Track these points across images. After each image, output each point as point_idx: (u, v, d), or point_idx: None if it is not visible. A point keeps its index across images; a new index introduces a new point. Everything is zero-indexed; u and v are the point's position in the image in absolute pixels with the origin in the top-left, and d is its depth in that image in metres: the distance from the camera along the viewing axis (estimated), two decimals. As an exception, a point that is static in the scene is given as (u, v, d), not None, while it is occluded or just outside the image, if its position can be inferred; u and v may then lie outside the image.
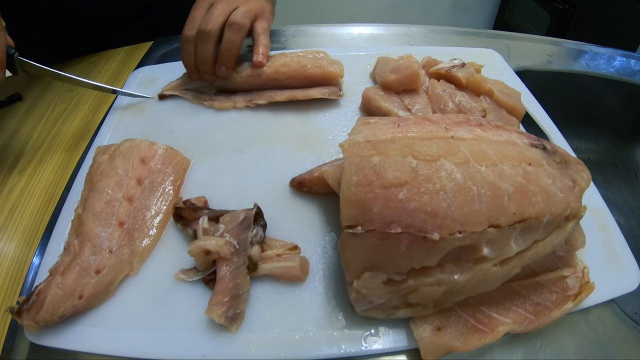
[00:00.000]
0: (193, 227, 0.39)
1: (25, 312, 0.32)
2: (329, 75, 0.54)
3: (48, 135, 0.56)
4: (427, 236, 0.28)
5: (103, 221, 0.38)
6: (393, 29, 0.75)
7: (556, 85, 0.68)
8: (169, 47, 0.71)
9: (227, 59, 0.53)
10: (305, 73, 0.54)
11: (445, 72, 0.54)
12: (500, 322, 0.32)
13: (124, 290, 0.36)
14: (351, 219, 0.29)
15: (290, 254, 0.37)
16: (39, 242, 0.42)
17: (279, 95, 0.54)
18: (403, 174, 0.29)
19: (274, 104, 0.54)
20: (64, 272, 0.34)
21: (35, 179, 0.49)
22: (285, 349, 0.32)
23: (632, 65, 0.68)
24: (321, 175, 0.41)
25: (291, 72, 0.54)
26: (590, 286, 0.34)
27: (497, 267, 0.31)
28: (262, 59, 0.54)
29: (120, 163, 0.42)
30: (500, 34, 0.75)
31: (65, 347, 0.33)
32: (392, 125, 0.35)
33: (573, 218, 0.33)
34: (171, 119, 0.53)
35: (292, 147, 0.49)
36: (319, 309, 0.35)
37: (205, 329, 0.33)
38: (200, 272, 0.36)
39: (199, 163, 0.47)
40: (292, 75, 0.54)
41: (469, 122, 0.36)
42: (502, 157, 0.32)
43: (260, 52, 0.54)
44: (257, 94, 0.55)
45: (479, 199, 0.29)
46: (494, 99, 0.51)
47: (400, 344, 0.33)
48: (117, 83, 0.64)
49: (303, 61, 0.54)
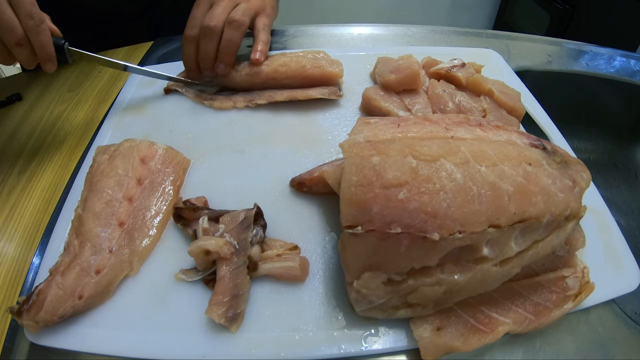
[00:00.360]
0: (193, 227, 0.39)
1: (25, 312, 0.32)
2: (329, 76, 0.54)
3: (48, 135, 0.56)
4: (427, 236, 0.28)
5: (103, 221, 0.38)
6: (393, 29, 0.75)
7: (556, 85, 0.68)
8: (169, 47, 0.71)
9: (226, 56, 0.53)
10: (304, 73, 0.54)
11: (445, 72, 0.54)
12: (500, 322, 0.32)
13: (124, 290, 0.36)
14: (351, 219, 0.30)
15: (290, 254, 0.37)
16: (39, 242, 0.42)
17: (278, 95, 0.54)
18: (403, 174, 0.29)
19: (274, 104, 0.54)
20: (64, 272, 0.34)
21: (35, 179, 0.49)
22: (285, 349, 0.32)
23: (632, 65, 0.68)
24: (321, 175, 0.41)
25: (290, 72, 0.54)
26: (590, 286, 0.34)
27: (497, 267, 0.31)
28: (259, 57, 0.54)
29: (120, 163, 0.42)
30: (500, 34, 0.75)
31: (65, 347, 0.33)
32: (392, 125, 0.35)
33: (573, 218, 0.33)
34: (171, 119, 0.53)
35: (292, 147, 0.49)
36: (319, 309, 0.35)
37: (205, 329, 0.33)
38: (200, 272, 0.36)
39: (199, 163, 0.47)
40: (291, 75, 0.54)
41: (469, 122, 0.36)
42: (502, 157, 0.32)
43: (258, 49, 0.54)
44: (257, 93, 0.55)
45: (479, 199, 0.29)
46: (494, 99, 0.51)
47: (400, 344, 0.33)
48: (117, 83, 0.64)
49: (302, 61, 0.54)
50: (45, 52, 0.45)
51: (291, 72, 0.54)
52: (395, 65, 0.53)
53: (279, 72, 0.54)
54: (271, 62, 0.54)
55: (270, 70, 0.54)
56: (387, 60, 0.56)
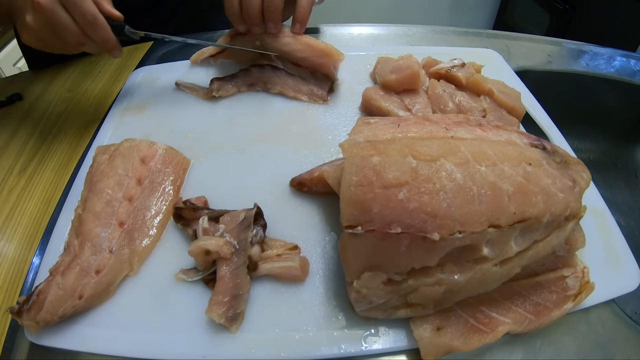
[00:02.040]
0: (193, 227, 0.39)
1: (26, 312, 0.32)
2: (330, 53, 0.54)
3: (48, 135, 0.56)
4: (427, 236, 0.28)
5: (103, 221, 0.38)
6: (393, 29, 0.75)
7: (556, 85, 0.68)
8: (169, 47, 0.71)
9: (271, 13, 0.51)
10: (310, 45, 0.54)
11: (445, 72, 0.54)
12: (500, 322, 0.32)
13: (124, 290, 0.36)
14: (351, 219, 0.29)
15: (290, 254, 0.37)
16: (39, 242, 0.42)
17: (271, 87, 0.56)
18: (403, 174, 0.29)
19: (274, 104, 0.54)
20: (64, 272, 0.34)
21: (35, 179, 0.49)
22: (285, 349, 0.32)
23: (632, 65, 0.68)
24: (321, 175, 0.41)
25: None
26: (590, 286, 0.34)
27: (497, 267, 0.31)
28: (297, 30, 0.54)
29: (120, 163, 0.42)
30: (500, 34, 0.75)
31: (66, 347, 0.33)
32: (392, 125, 0.34)
33: (573, 218, 0.33)
34: (171, 119, 0.53)
35: (292, 147, 0.49)
36: (319, 309, 0.35)
37: (205, 329, 0.33)
38: (200, 272, 0.36)
39: (199, 163, 0.47)
40: (299, 49, 0.54)
41: (469, 122, 0.36)
42: (502, 157, 0.32)
43: (298, 19, 0.53)
44: (256, 78, 0.56)
45: (479, 199, 0.29)
46: (494, 99, 0.51)
47: (400, 344, 0.33)
48: (117, 83, 0.64)
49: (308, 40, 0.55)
50: (106, 45, 0.46)
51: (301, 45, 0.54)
52: (395, 65, 0.53)
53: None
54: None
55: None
56: (387, 60, 0.56)
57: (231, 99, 0.56)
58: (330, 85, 0.56)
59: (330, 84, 0.56)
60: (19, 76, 0.69)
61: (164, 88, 0.59)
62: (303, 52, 0.55)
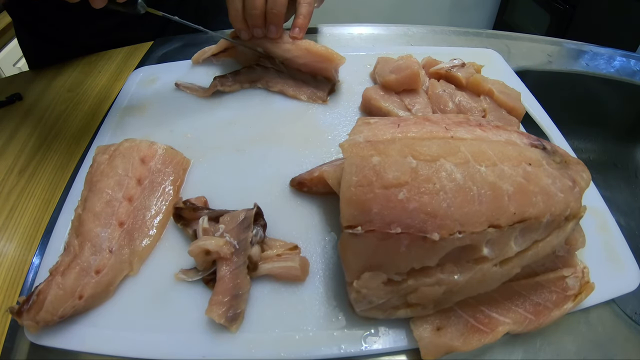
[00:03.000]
0: (193, 227, 0.39)
1: (25, 312, 0.32)
2: (330, 57, 0.54)
3: (48, 135, 0.56)
4: (427, 236, 0.28)
5: (103, 221, 0.38)
6: (393, 29, 0.75)
7: (556, 85, 0.68)
8: (169, 47, 0.71)
9: (274, 16, 0.52)
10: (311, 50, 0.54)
11: (445, 72, 0.54)
12: (500, 322, 0.32)
13: (124, 290, 0.36)
14: (351, 219, 0.29)
15: (290, 254, 0.37)
16: (39, 242, 0.42)
17: (272, 85, 0.56)
18: (403, 174, 0.29)
19: (274, 104, 0.54)
20: (64, 272, 0.34)
21: (35, 179, 0.49)
22: (285, 349, 0.32)
23: (632, 65, 0.68)
24: (321, 175, 0.41)
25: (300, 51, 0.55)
26: (590, 286, 0.34)
27: (497, 267, 0.31)
28: (297, 34, 0.54)
29: (120, 163, 0.42)
30: (500, 34, 0.75)
31: (66, 347, 0.33)
32: (392, 126, 0.35)
33: (573, 218, 0.33)
34: (171, 119, 0.53)
35: (292, 147, 0.49)
36: (319, 309, 0.35)
37: (205, 329, 0.33)
38: (200, 272, 0.36)
39: (199, 163, 0.47)
40: (300, 55, 0.55)
41: (469, 122, 0.36)
42: (502, 157, 0.32)
43: (297, 24, 0.53)
44: (259, 75, 0.57)
45: (479, 199, 0.29)
46: (494, 99, 0.51)
47: (400, 344, 0.33)
48: (117, 83, 0.64)
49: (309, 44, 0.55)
50: None
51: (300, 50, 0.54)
52: (395, 65, 0.53)
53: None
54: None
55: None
56: (387, 60, 0.56)
57: (231, 99, 0.56)
58: (331, 87, 0.56)
59: (330, 86, 0.56)
60: (19, 76, 0.69)
61: (164, 88, 0.59)
62: (304, 57, 0.55)
